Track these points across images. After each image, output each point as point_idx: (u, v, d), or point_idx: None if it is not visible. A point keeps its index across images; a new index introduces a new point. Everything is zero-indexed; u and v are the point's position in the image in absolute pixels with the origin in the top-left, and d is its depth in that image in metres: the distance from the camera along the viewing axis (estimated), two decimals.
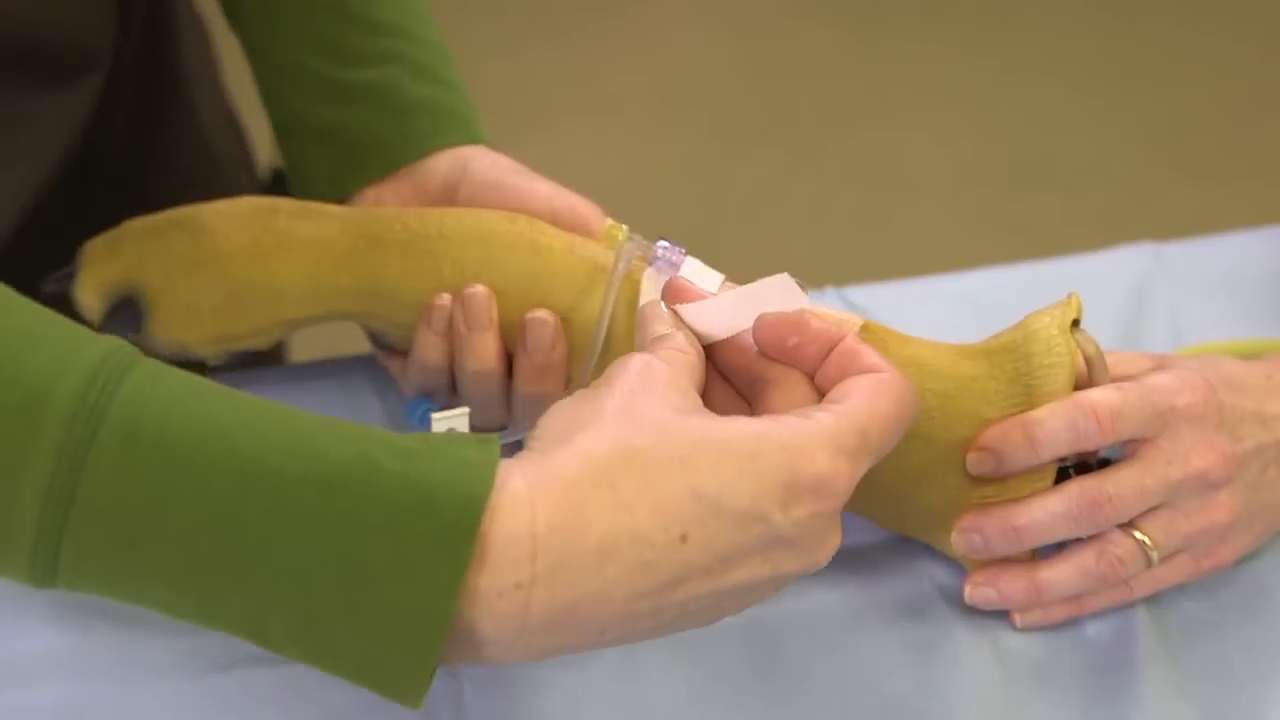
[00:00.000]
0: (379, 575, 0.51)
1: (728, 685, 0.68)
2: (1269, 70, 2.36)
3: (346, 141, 0.76)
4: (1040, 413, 0.66)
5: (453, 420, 0.68)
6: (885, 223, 2.14)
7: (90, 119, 0.84)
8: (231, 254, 0.73)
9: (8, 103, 0.76)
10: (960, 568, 0.71)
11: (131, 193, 0.89)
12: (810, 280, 0.87)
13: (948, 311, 0.84)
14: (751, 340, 0.61)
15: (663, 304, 0.64)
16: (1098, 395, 0.66)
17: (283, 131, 0.79)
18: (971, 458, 0.66)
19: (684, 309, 0.63)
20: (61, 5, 0.78)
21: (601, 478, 0.53)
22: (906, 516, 0.70)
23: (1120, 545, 0.67)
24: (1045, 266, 0.88)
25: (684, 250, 0.69)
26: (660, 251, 0.69)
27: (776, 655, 0.69)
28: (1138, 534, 0.67)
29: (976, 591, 0.69)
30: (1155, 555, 0.67)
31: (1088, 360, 0.67)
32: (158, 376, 0.54)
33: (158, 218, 0.75)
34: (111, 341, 0.54)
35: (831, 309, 0.70)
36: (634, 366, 0.57)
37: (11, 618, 0.69)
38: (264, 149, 1.01)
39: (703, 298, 0.63)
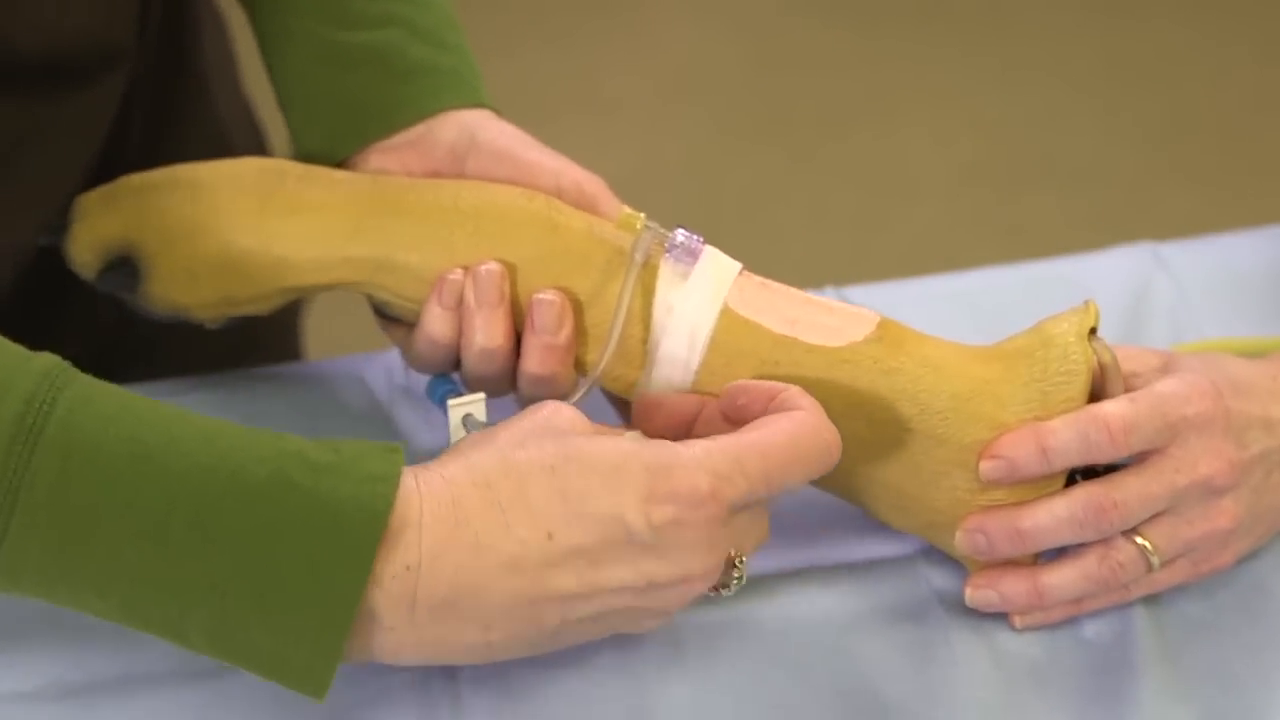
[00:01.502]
0: (289, 586, 0.57)
1: (728, 687, 0.68)
2: (1268, 71, 2.36)
3: (346, 103, 0.75)
4: (1054, 423, 0.66)
5: (470, 405, 0.69)
6: (884, 222, 2.14)
7: (114, 119, 0.84)
8: (234, 217, 0.71)
9: (36, 110, 0.76)
10: (958, 570, 0.71)
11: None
12: (810, 280, 0.87)
13: (947, 311, 0.84)
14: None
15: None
16: (1111, 408, 0.66)
17: (284, 95, 0.78)
18: (984, 465, 0.66)
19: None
20: (87, 10, 0.77)
21: (481, 480, 0.59)
22: (913, 515, 0.69)
23: (1122, 550, 0.67)
24: (1044, 266, 0.88)
25: (702, 239, 0.69)
26: (679, 239, 0.68)
27: (776, 657, 0.69)
28: (1140, 539, 0.67)
29: (978, 593, 0.69)
30: (1156, 560, 0.67)
31: (1103, 368, 0.67)
32: (90, 398, 0.58)
33: (156, 174, 0.73)
34: (47, 361, 0.59)
35: (849, 304, 0.70)
36: (543, 410, 0.63)
37: (9, 619, 0.69)
38: (281, 147, 1.01)
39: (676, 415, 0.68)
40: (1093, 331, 0.67)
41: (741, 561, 0.63)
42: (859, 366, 0.67)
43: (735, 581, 0.63)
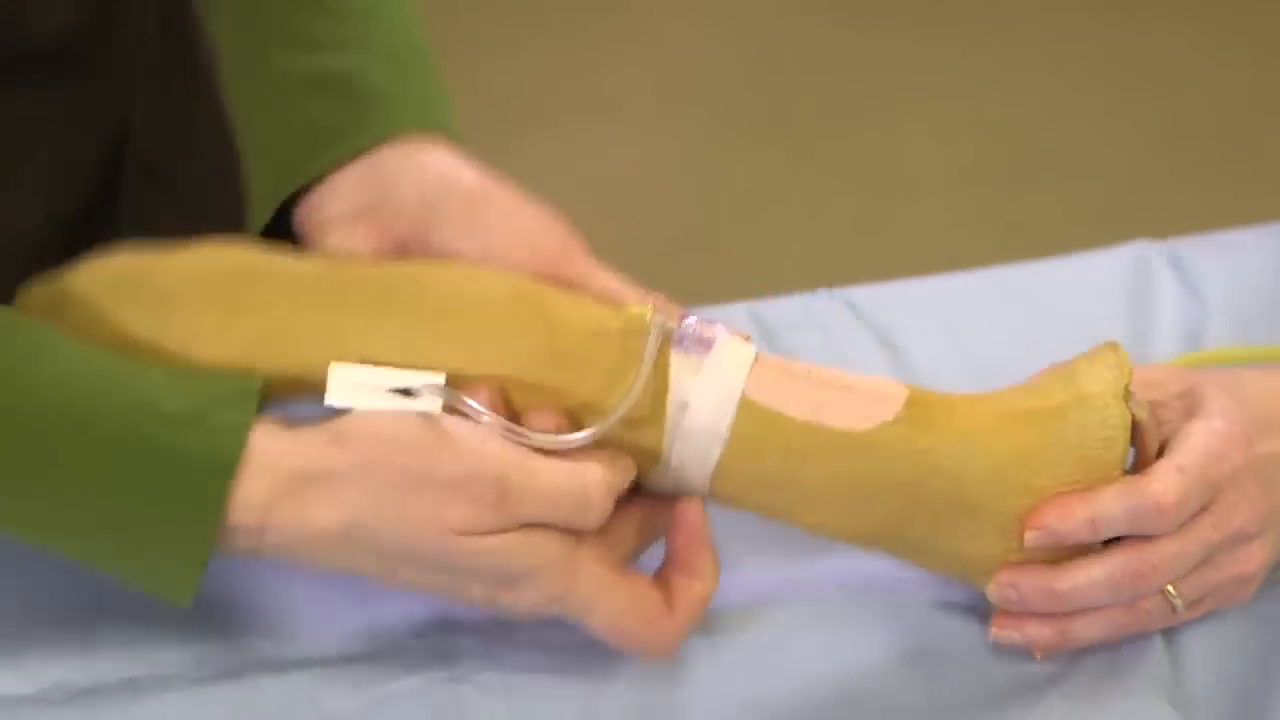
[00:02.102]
0: (143, 534, 0.61)
1: (732, 694, 0.67)
2: (1268, 71, 2.36)
3: (296, 129, 0.72)
4: (1104, 499, 0.64)
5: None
6: (885, 222, 2.14)
7: (118, 106, 0.83)
8: (199, 329, 0.65)
9: (45, 99, 0.76)
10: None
11: (161, 181, 0.89)
12: (810, 280, 0.87)
13: (947, 311, 0.84)
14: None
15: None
16: (1161, 488, 0.64)
17: (243, 121, 0.75)
18: (1029, 535, 0.64)
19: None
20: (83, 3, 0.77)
21: (324, 474, 0.61)
22: (942, 566, 0.69)
23: (1150, 599, 0.67)
24: (1045, 266, 0.88)
25: (715, 322, 0.65)
26: (690, 330, 0.65)
27: (779, 663, 0.69)
28: (1169, 587, 0.67)
29: (1002, 633, 0.68)
30: (1180, 604, 0.67)
31: (1138, 426, 0.65)
32: None
33: (106, 272, 0.67)
34: None
35: (871, 379, 0.67)
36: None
37: (15, 622, 0.69)
38: None
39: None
40: (1127, 388, 0.65)
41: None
42: (890, 449, 0.64)
43: None
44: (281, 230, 0.72)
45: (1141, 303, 0.84)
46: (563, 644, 0.69)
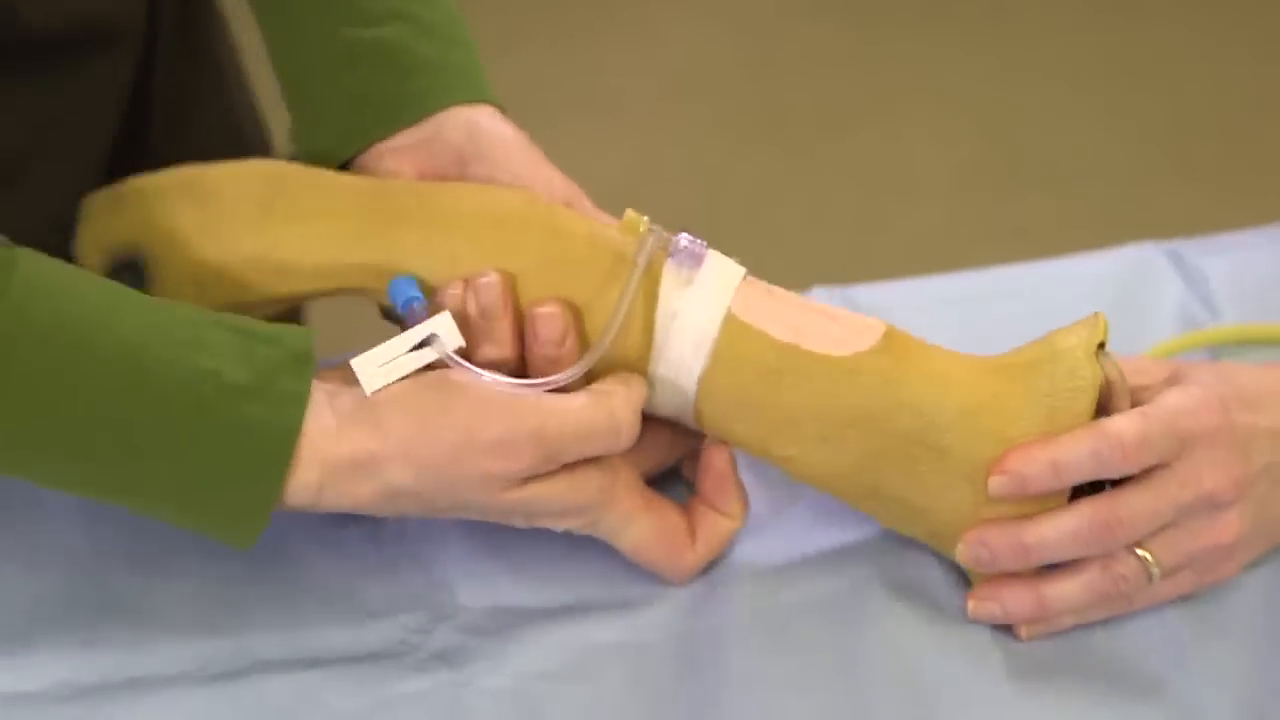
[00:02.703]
0: (205, 496, 0.63)
1: (738, 696, 0.67)
2: (1268, 70, 2.36)
3: (353, 100, 0.75)
4: (1066, 439, 0.65)
5: (434, 327, 0.67)
6: (885, 222, 2.14)
7: (133, 108, 0.84)
8: (238, 223, 0.71)
9: (51, 93, 0.77)
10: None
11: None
12: (810, 279, 0.87)
13: (947, 311, 0.84)
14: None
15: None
16: (1123, 424, 0.65)
17: (290, 93, 0.78)
18: (993, 480, 0.66)
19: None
20: None
21: (383, 493, 0.65)
22: (917, 525, 0.69)
23: (1124, 563, 0.67)
24: (1045, 266, 0.88)
25: (706, 244, 0.68)
26: (683, 244, 0.68)
27: (785, 659, 0.69)
28: (1141, 552, 0.67)
29: (980, 606, 0.69)
30: (1156, 572, 0.67)
31: (1110, 384, 0.67)
32: (29, 291, 0.61)
33: (162, 177, 0.73)
34: None
35: (854, 314, 0.69)
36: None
37: (19, 623, 0.69)
38: (282, 143, 1.01)
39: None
40: (1101, 346, 0.67)
41: None
42: (864, 377, 0.66)
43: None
44: None
45: (1142, 303, 0.84)
46: (568, 645, 0.69)
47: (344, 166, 0.75)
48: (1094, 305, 0.84)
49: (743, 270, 0.68)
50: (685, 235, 0.68)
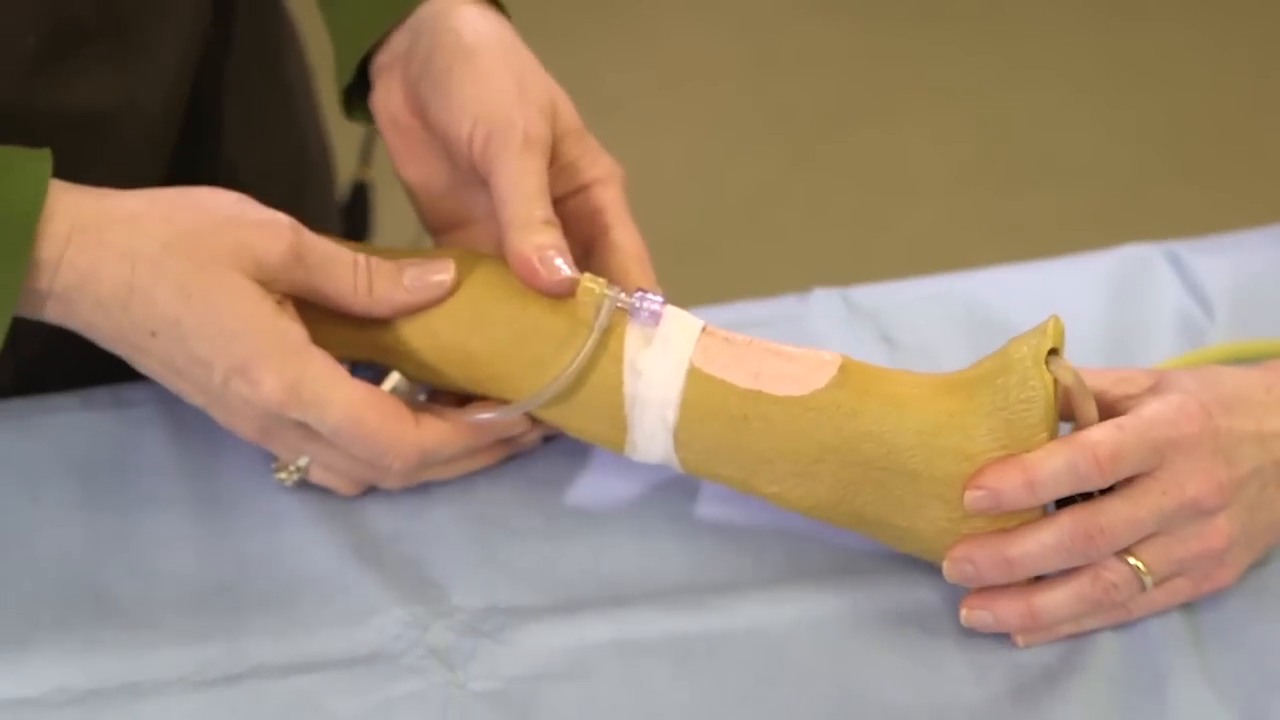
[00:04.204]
0: None
1: (732, 694, 0.67)
2: (1268, 70, 2.36)
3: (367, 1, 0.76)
4: (1040, 454, 0.65)
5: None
6: (885, 221, 2.14)
7: (207, 124, 0.88)
8: None
9: (112, 82, 0.79)
10: None
11: (238, 182, 0.92)
12: (810, 280, 0.87)
13: (948, 311, 0.84)
14: None
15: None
16: (1098, 436, 0.65)
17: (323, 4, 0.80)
18: (969, 496, 0.66)
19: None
20: None
21: (126, 259, 0.66)
22: (905, 544, 0.70)
23: (1114, 571, 0.67)
24: (1045, 266, 0.88)
25: (663, 299, 0.69)
26: (640, 304, 0.69)
27: (782, 662, 0.69)
28: (1131, 560, 0.67)
29: (973, 615, 0.69)
30: (1149, 580, 0.67)
31: (1067, 390, 0.66)
32: None
33: None
34: None
35: (809, 351, 0.69)
36: (245, 225, 0.68)
37: (15, 624, 0.69)
38: (346, 168, 1.04)
39: None
40: (1054, 352, 0.66)
41: (303, 459, 0.71)
42: (824, 413, 0.67)
43: (293, 472, 0.72)
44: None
45: (1141, 303, 0.84)
46: (562, 645, 0.69)
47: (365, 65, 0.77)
48: (1093, 305, 0.84)
49: (700, 323, 0.69)
50: (641, 294, 0.69)
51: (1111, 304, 0.84)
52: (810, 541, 0.73)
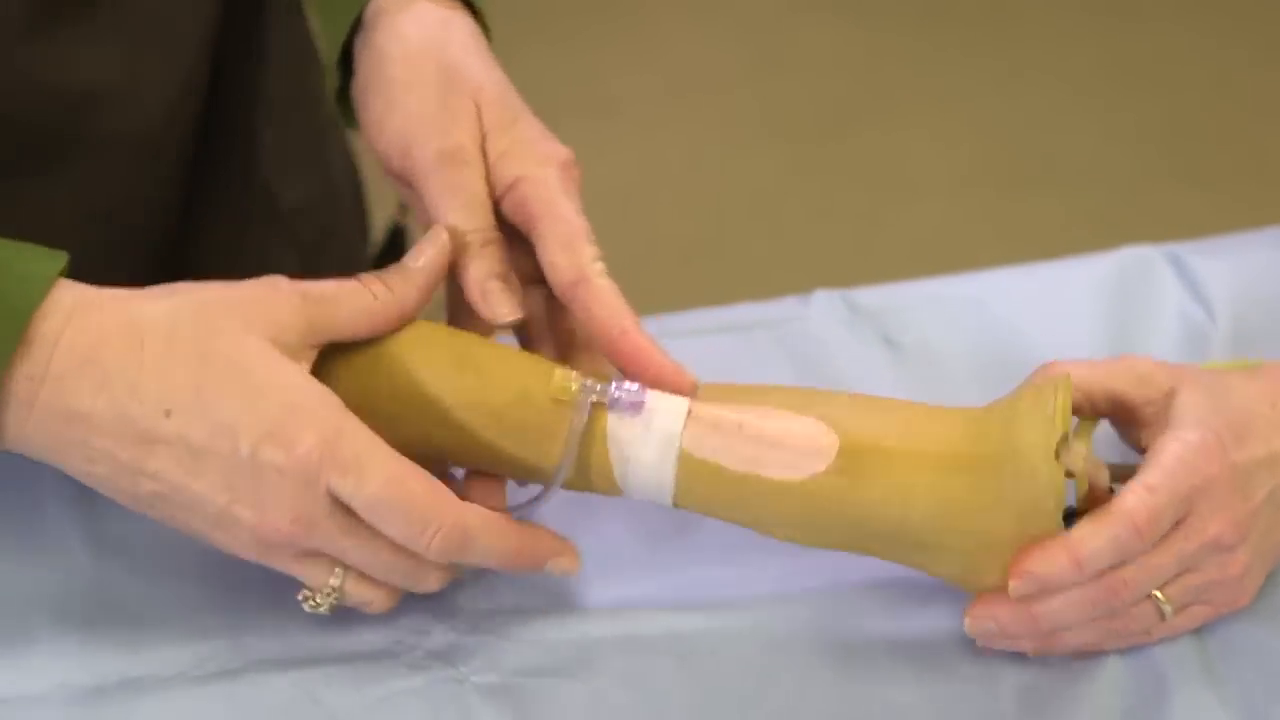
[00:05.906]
0: None
1: (735, 696, 0.68)
2: (1268, 72, 2.36)
3: None
4: (1083, 534, 0.64)
5: None
6: (886, 223, 2.14)
7: (244, 143, 0.89)
8: None
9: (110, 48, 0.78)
10: None
11: (273, 213, 0.93)
12: (812, 281, 0.87)
13: (949, 313, 0.84)
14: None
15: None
16: (1132, 504, 0.64)
17: None
18: (1013, 584, 0.64)
19: None
20: None
21: (134, 333, 0.61)
22: (930, 572, 0.69)
23: (1136, 605, 0.67)
24: (1046, 267, 0.88)
25: (642, 388, 0.67)
26: (618, 395, 0.66)
27: (785, 665, 0.69)
28: (1156, 593, 0.67)
29: (976, 624, 0.67)
30: (1169, 609, 0.67)
31: (1077, 477, 0.65)
32: None
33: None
34: None
35: (803, 427, 0.66)
36: (264, 290, 0.64)
37: (16, 622, 0.69)
38: (381, 215, 1.02)
39: None
40: (1065, 437, 0.64)
41: (338, 574, 0.65)
42: (825, 498, 0.66)
43: (329, 594, 0.65)
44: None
45: (1142, 305, 0.84)
46: (565, 642, 0.69)
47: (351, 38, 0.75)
48: (1094, 307, 0.84)
49: (685, 404, 0.67)
50: (617, 385, 0.67)
51: (1112, 305, 0.84)
52: (814, 557, 0.73)
